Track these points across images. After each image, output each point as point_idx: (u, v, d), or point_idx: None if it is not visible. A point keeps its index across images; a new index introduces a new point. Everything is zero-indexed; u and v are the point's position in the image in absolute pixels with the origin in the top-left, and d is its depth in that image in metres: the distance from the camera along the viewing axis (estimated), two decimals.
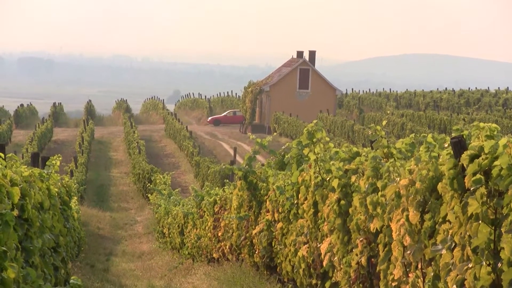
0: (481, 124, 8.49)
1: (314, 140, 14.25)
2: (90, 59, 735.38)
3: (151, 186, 48.98)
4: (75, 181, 41.65)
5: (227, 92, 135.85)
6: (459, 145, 8.31)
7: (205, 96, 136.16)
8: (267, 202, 17.11)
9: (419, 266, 9.27)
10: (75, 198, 32.80)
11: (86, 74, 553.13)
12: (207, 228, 24.68)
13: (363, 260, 11.17)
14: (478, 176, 7.74)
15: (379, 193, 10.52)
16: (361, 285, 11.38)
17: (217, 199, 23.53)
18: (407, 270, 9.64)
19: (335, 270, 12.29)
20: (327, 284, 12.77)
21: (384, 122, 14.24)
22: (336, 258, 12.18)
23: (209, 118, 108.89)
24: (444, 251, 8.50)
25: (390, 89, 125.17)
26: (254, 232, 17.94)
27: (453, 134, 8.75)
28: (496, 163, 7.45)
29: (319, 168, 13.26)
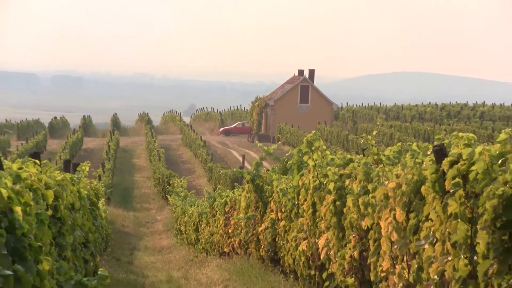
0: (460, 134, 8.49)
1: (313, 148, 14.25)
2: (116, 77, 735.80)
3: (170, 188, 48.98)
4: (102, 184, 41.62)
5: (237, 106, 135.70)
6: (440, 153, 8.32)
7: (217, 110, 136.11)
8: (272, 203, 17.11)
9: (405, 259, 9.27)
10: (103, 199, 32.80)
11: (112, 90, 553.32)
12: (219, 226, 24.68)
13: (356, 254, 11.17)
14: (457, 179, 7.75)
15: (370, 195, 10.52)
16: (354, 275, 11.38)
17: (228, 200, 23.52)
18: (394, 262, 9.64)
19: (331, 263, 12.28)
20: (324, 275, 12.77)
21: (374, 132, 14.23)
22: (332, 252, 12.17)
23: (221, 129, 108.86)
24: (426, 246, 8.50)
25: (380, 103, 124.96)
26: (260, 229, 17.94)
27: (435, 143, 8.75)
28: (472, 168, 7.46)
29: (317, 173, 13.26)
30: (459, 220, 7.65)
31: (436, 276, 8.24)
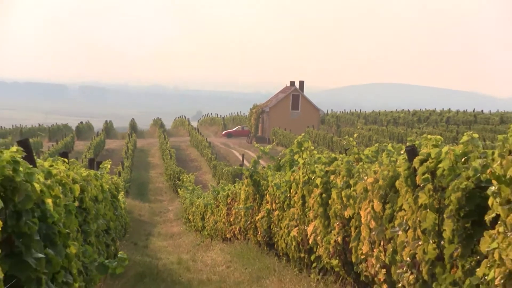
0: (429, 136, 8.48)
1: (302, 148, 14.23)
2: (133, 87, 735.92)
3: (180, 183, 48.92)
4: (122, 179, 41.57)
5: (237, 112, 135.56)
6: (412, 152, 8.32)
7: (220, 115, 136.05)
8: (267, 195, 17.10)
9: (382, 244, 9.27)
10: (122, 192, 32.75)
11: (130, 98, 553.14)
12: (221, 215, 24.66)
13: (339, 239, 11.16)
14: (426, 175, 7.74)
15: (352, 188, 10.52)
16: (338, 258, 11.37)
17: (229, 193, 23.50)
18: (373, 246, 9.64)
19: (318, 247, 12.27)
20: (312, 257, 12.76)
21: (355, 135, 14.23)
22: (319, 237, 12.17)
23: (223, 132, 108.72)
24: (400, 232, 8.50)
25: (360, 109, 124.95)
26: (257, 218, 17.92)
27: (408, 144, 8.74)
28: (440, 165, 7.46)
29: (306, 170, 13.25)
30: (428, 210, 7.65)
31: (408, 258, 8.24)
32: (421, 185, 7.81)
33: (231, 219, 22.64)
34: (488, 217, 6.26)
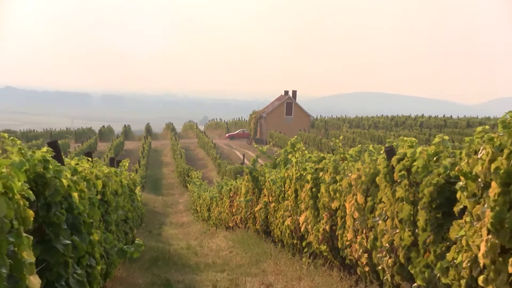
0: (405, 138, 8.49)
1: (295, 149, 14.25)
2: (148, 96, 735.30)
3: (189, 179, 48.96)
4: (138, 176, 41.53)
5: (239, 117, 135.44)
6: (390, 152, 8.32)
7: (224, 120, 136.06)
8: (264, 189, 17.09)
9: (364, 231, 9.27)
10: (139, 187, 32.66)
11: (145, 105, 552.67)
12: (225, 206, 24.66)
13: (327, 227, 11.16)
14: (402, 172, 7.74)
15: (338, 184, 10.51)
16: (326, 244, 11.36)
17: (232, 187, 23.50)
18: (356, 234, 9.63)
19: (309, 234, 12.27)
20: (304, 243, 12.75)
21: (341, 137, 14.22)
22: (309, 226, 12.16)
23: (227, 135, 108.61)
24: (380, 222, 8.50)
25: (345, 115, 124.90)
26: (256, 209, 17.92)
27: (387, 145, 8.75)
28: (414, 164, 7.46)
29: (298, 167, 13.25)
30: (404, 202, 7.65)
31: (387, 244, 8.24)
32: (398, 180, 7.81)
33: (233, 210, 22.65)
34: (456, 209, 6.27)
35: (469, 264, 6.02)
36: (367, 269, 9.32)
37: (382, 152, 8.85)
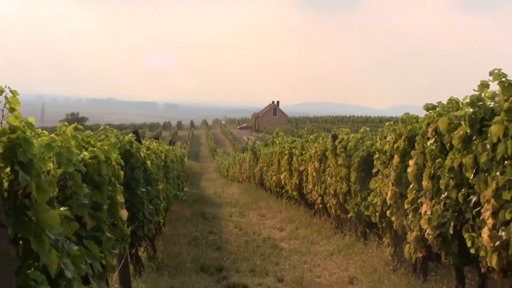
0: (343, 129, 8.45)
1: (278, 135, 14.20)
2: (192, 103, 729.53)
3: (215, 153, 48.84)
4: (186, 151, 41.44)
5: (245, 116, 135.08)
6: (334, 137, 8.27)
7: (236, 118, 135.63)
8: (260, 159, 17.06)
9: (319, 184, 9.26)
10: (186, 158, 32.61)
11: (191, 109, 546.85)
12: (237, 169, 24.62)
13: (297, 182, 11.14)
14: (341, 149, 7.71)
15: (303, 155, 10.48)
16: (296, 191, 11.35)
17: (241, 157, 23.46)
18: (314, 185, 9.62)
19: (286, 185, 12.26)
20: (283, 191, 12.73)
21: (305, 129, 14.18)
22: (286, 181, 12.15)
23: (238, 127, 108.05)
24: (328, 178, 8.47)
25: (308, 115, 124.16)
26: (255, 171, 17.90)
27: (332, 133, 8.72)
28: (349, 144, 7.42)
29: (280, 146, 13.22)
30: (342, 167, 7.63)
31: (332, 191, 8.23)
32: (339, 154, 7.79)
33: (241, 171, 22.64)
34: (374, 170, 6.27)
35: (380, 203, 6.03)
36: (321, 206, 9.33)
37: (329, 137, 8.82)
